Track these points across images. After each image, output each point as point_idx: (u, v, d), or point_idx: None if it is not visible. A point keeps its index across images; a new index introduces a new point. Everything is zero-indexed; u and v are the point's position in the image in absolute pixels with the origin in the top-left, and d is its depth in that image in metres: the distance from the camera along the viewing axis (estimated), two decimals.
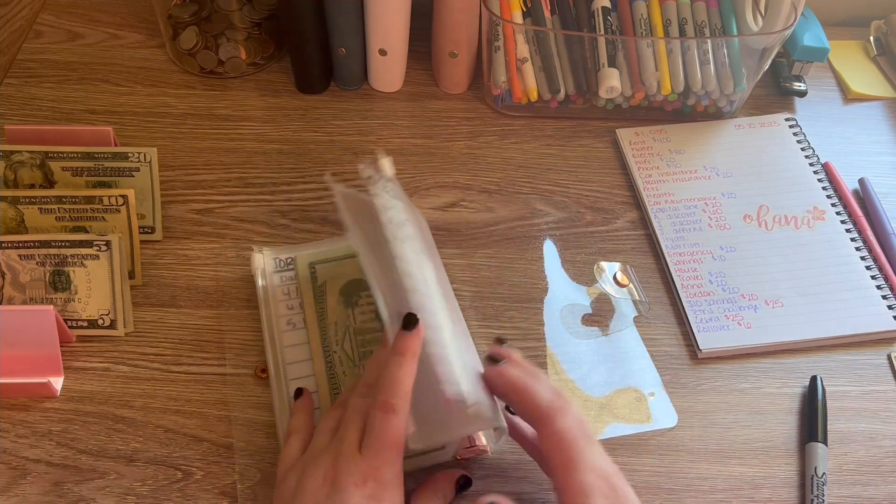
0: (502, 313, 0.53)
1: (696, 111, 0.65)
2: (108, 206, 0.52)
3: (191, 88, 0.65)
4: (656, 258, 0.56)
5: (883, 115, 0.66)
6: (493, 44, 0.61)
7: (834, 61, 0.70)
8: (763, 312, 0.53)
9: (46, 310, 0.46)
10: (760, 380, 0.51)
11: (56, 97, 0.64)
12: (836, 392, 0.50)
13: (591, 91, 0.63)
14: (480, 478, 0.46)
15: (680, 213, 0.58)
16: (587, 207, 0.59)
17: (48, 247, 0.49)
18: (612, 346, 0.51)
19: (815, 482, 0.46)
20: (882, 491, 0.46)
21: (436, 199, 0.59)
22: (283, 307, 0.50)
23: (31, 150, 0.54)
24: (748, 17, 0.62)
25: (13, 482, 0.44)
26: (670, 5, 0.62)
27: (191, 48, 0.64)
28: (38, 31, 0.69)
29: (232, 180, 0.59)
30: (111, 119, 0.62)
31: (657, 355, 0.51)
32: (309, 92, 0.65)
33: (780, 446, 0.48)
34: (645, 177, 0.60)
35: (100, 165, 0.54)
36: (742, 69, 0.61)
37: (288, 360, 0.48)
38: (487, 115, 0.65)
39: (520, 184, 0.60)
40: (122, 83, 0.65)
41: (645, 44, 0.61)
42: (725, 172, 0.61)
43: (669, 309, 0.54)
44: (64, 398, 0.48)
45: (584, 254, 0.56)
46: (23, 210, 0.52)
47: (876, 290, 0.54)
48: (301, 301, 0.50)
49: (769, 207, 0.59)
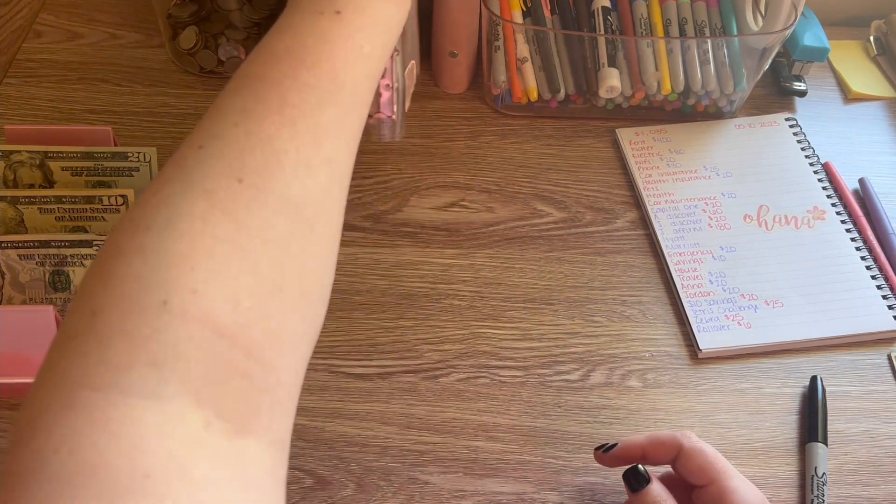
0: (502, 313, 0.53)
1: (696, 111, 0.65)
2: (108, 206, 0.52)
3: (190, 88, 0.65)
4: (656, 258, 0.56)
5: (883, 115, 0.66)
6: (493, 44, 0.61)
7: (834, 61, 0.70)
8: (763, 312, 0.53)
9: (46, 310, 0.46)
10: (760, 380, 0.51)
11: (56, 97, 0.64)
12: (836, 392, 0.50)
13: (591, 91, 0.62)
14: (480, 477, 0.46)
15: (680, 213, 0.58)
16: (587, 207, 0.59)
17: (48, 247, 0.49)
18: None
19: (815, 482, 0.46)
20: (882, 491, 0.46)
21: (436, 199, 0.59)
22: None
23: (30, 149, 0.54)
24: (748, 16, 0.62)
25: None
26: (670, 5, 0.62)
27: (190, 48, 0.64)
28: (38, 31, 0.69)
29: None
30: (111, 119, 0.62)
31: (657, 355, 0.51)
32: None
33: (780, 446, 0.48)
34: (645, 177, 0.60)
35: (99, 165, 0.54)
36: (742, 69, 0.61)
37: None
38: (487, 114, 0.65)
39: (520, 184, 0.60)
40: (122, 83, 0.65)
41: (645, 44, 0.61)
42: (725, 172, 0.61)
43: (669, 309, 0.54)
44: None
45: (584, 254, 0.56)
46: (22, 210, 0.52)
47: (876, 290, 0.54)
48: None
49: (769, 207, 0.59)
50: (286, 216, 0.28)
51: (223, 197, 0.27)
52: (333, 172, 0.31)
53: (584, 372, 0.51)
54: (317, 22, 0.33)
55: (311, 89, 0.31)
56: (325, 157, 0.30)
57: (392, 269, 0.55)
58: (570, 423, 0.48)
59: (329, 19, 0.33)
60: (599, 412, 0.49)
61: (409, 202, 0.58)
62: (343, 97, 0.32)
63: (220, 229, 0.26)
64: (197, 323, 0.25)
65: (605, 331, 0.53)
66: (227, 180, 0.28)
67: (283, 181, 0.29)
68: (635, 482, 0.40)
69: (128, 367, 0.23)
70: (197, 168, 0.28)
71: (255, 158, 0.28)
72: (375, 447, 0.47)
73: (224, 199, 0.27)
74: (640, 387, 0.50)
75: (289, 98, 0.30)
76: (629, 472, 0.40)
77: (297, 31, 0.33)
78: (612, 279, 0.55)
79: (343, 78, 0.32)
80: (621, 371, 0.51)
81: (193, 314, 0.25)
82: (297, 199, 0.29)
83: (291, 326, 0.28)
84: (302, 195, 0.29)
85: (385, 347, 0.51)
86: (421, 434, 0.48)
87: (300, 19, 0.33)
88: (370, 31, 0.34)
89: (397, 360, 0.51)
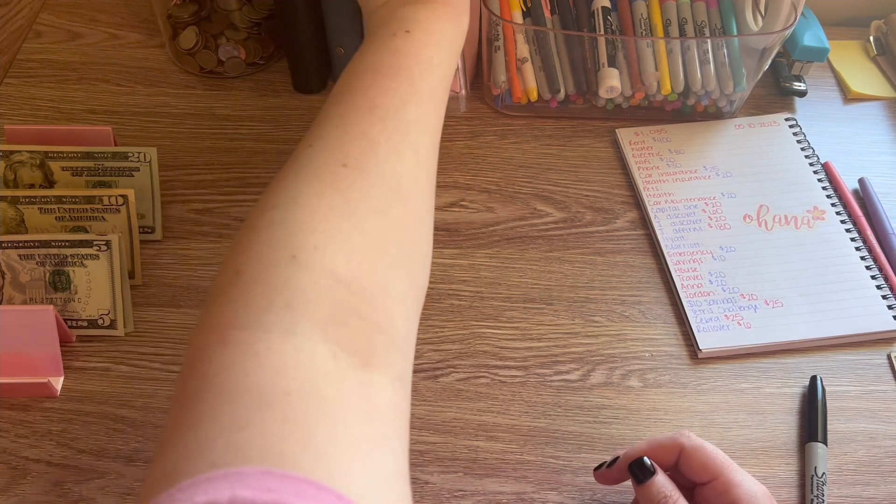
0: (502, 313, 0.53)
1: (696, 111, 0.65)
2: (108, 205, 0.52)
3: (191, 88, 0.65)
4: (656, 258, 0.56)
5: (883, 115, 0.66)
6: (493, 44, 0.61)
7: (834, 61, 0.70)
8: (763, 312, 0.53)
9: (46, 310, 0.46)
10: (760, 380, 0.51)
11: (56, 97, 0.64)
12: (836, 392, 0.50)
13: (591, 91, 0.63)
14: (480, 477, 0.46)
15: (680, 213, 0.58)
16: (587, 207, 0.59)
17: (48, 247, 0.49)
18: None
19: (815, 482, 0.46)
20: (882, 491, 0.46)
21: (436, 199, 0.59)
22: None
23: (30, 149, 0.54)
24: (748, 17, 0.62)
25: (13, 482, 0.44)
26: (670, 5, 0.62)
27: (190, 48, 0.64)
28: (38, 31, 0.69)
29: (232, 180, 0.59)
30: (111, 119, 0.62)
31: (657, 355, 0.51)
32: (306, 91, 0.65)
33: (780, 446, 0.48)
34: (645, 177, 0.60)
35: (100, 165, 0.54)
36: (742, 69, 0.61)
37: None
38: (487, 115, 0.65)
39: (520, 184, 0.60)
40: (122, 83, 0.65)
41: (645, 44, 0.61)
42: (725, 172, 0.61)
43: (669, 309, 0.54)
44: (64, 398, 0.48)
45: (584, 254, 0.56)
46: (23, 210, 0.52)
47: (876, 290, 0.54)
48: None
49: (769, 207, 0.59)
50: (384, 191, 0.34)
51: (332, 179, 0.33)
52: (420, 159, 0.37)
53: (584, 372, 0.51)
54: (392, 41, 0.39)
55: (394, 93, 0.37)
56: (411, 146, 0.36)
57: None
58: (570, 423, 0.48)
59: (402, 38, 0.39)
60: (599, 412, 0.49)
61: None
62: (421, 98, 0.38)
63: (332, 202, 0.32)
64: (319, 272, 0.30)
65: (605, 331, 0.53)
66: (333, 166, 0.34)
67: (378, 164, 0.34)
68: (640, 474, 0.40)
69: (267, 308, 0.28)
70: (309, 161, 0.34)
71: (354, 148, 0.34)
72: None
73: (333, 181, 0.33)
74: (640, 387, 0.50)
75: (377, 101, 0.37)
76: (634, 464, 0.40)
77: (376, 51, 0.39)
78: (612, 279, 0.55)
79: (419, 83, 0.38)
80: (621, 371, 0.51)
81: (316, 265, 0.30)
82: (392, 178, 0.35)
83: (397, 279, 0.33)
84: (395, 175, 0.35)
85: None
86: (421, 434, 0.48)
87: (377, 41, 0.40)
88: (436, 46, 0.41)
89: None
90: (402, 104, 0.37)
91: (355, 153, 0.34)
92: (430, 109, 0.39)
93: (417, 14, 0.41)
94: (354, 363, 0.29)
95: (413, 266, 0.35)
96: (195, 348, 0.29)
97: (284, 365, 0.27)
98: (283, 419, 0.25)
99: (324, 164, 0.34)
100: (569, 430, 0.48)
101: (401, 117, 0.37)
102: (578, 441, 0.48)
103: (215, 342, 0.28)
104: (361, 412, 0.28)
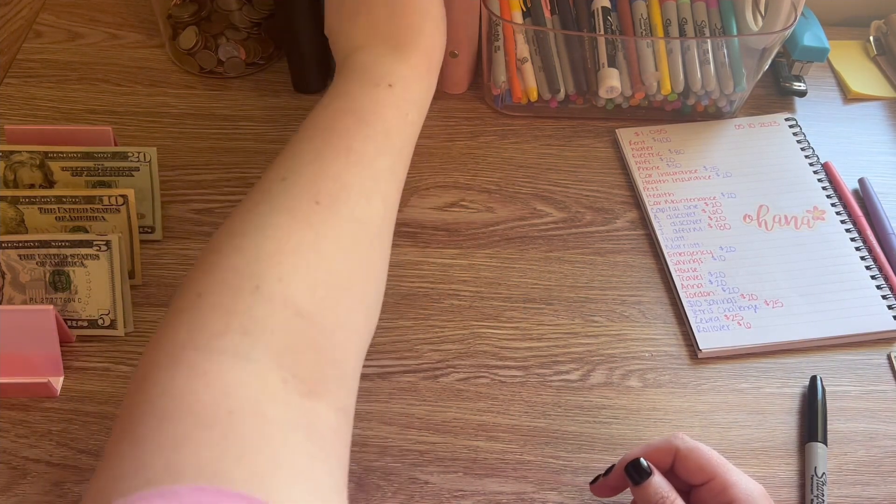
0: (502, 313, 0.53)
1: (696, 111, 0.65)
2: (108, 205, 0.52)
3: (191, 88, 0.65)
4: (656, 258, 0.56)
5: (883, 115, 0.66)
6: (493, 44, 0.61)
7: (834, 61, 0.70)
8: (763, 312, 0.53)
9: (46, 310, 0.46)
10: (760, 380, 0.51)
11: (56, 97, 0.64)
12: (836, 392, 0.50)
13: (591, 91, 0.63)
14: (480, 477, 0.46)
15: (680, 213, 0.58)
16: (587, 207, 0.59)
17: (48, 247, 0.49)
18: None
19: (815, 482, 0.46)
20: (882, 491, 0.46)
21: (436, 199, 0.59)
22: None
23: (30, 150, 0.54)
24: (748, 17, 0.62)
25: (13, 482, 0.44)
26: (670, 5, 0.62)
27: (190, 48, 0.64)
28: (38, 30, 0.69)
29: (232, 180, 0.59)
30: (111, 119, 0.62)
31: (657, 355, 0.51)
32: (306, 92, 0.65)
33: (779, 446, 0.48)
34: (645, 177, 0.60)
35: (99, 165, 0.54)
36: (742, 69, 0.61)
37: None
38: (487, 115, 0.65)
39: (520, 184, 0.60)
40: (122, 83, 0.65)
41: (645, 44, 0.61)
42: (725, 172, 0.61)
43: (669, 309, 0.54)
44: (64, 398, 0.48)
45: (584, 254, 0.56)
46: (23, 210, 0.52)
47: (876, 290, 0.54)
48: None
49: (769, 207, 0.59)
50: (353, 232, 0.36)
51: (304, 214, 0.34)
52: (387, 206, 0.39)
53: (583, 372, 0.51)
54: (374, 91, 0.41)
55: (371, 141, 0.39)
56: (380, 194, 0.38)
57: (392, 269, 0.54)
58: (570, 423, 0.48)
59: (384, 91, 0.41)
60: (599, 412, 0.49)
61: (409, 202, 0.58)
62: (394, 150, 0.40)
63: (304, 236, 0.33)
64: (281, 304, 0.31)
65: (605, 331, 0.53)
66: (307, 202, 0.35)
67: (348, 206, 0.36)
68: (637, 475, 0.40)
69: (223, 333, 0.29)
70: (281, 193, 0.35)
71: (328, 187, 0.36)
72: (375, 447, 0.47)
73: (305, 215, 0.34)
74: (639, 387, 0.50)
75: (353, 146, 0.38)
76: (631, 465, 0.40)
77: (357, 97, 0.41)
78: (612, 279, 0.55)
79: (394, 136, 0.40)
80: (621, 371, 0.51)
81: (279, 297, 0.31)
82: (361, 221, 0.36)
83: (356, 317, 0.34)
84: (365, 218, 0.36)
85: (385, 347, 0.51)
86: (421, 434, 0.48)
87: (358, 87, 0.41)
88: (414, 104, 0.43)
89: (397, 359, 0.51)
90: (377, 154, 0.39)
91: (328, 192, 0.35)
92: (401, 161, 0.41)
93: (401, 70, 0.42)
94: (302, 390, 0.29)
95: (370, 304, 0.36)
96: (146, 365, 0.29)
97: (231, 385, 0.28)
98: (223, 437, 0.26)
99: (296, 197, 0.35)
100: (569, 430, 0.48)
101: (375, 166, 0.38)
102: (578, 441, 0.48)
103: (166, 362, 0.28)
104: (303, 433, 0.28)
